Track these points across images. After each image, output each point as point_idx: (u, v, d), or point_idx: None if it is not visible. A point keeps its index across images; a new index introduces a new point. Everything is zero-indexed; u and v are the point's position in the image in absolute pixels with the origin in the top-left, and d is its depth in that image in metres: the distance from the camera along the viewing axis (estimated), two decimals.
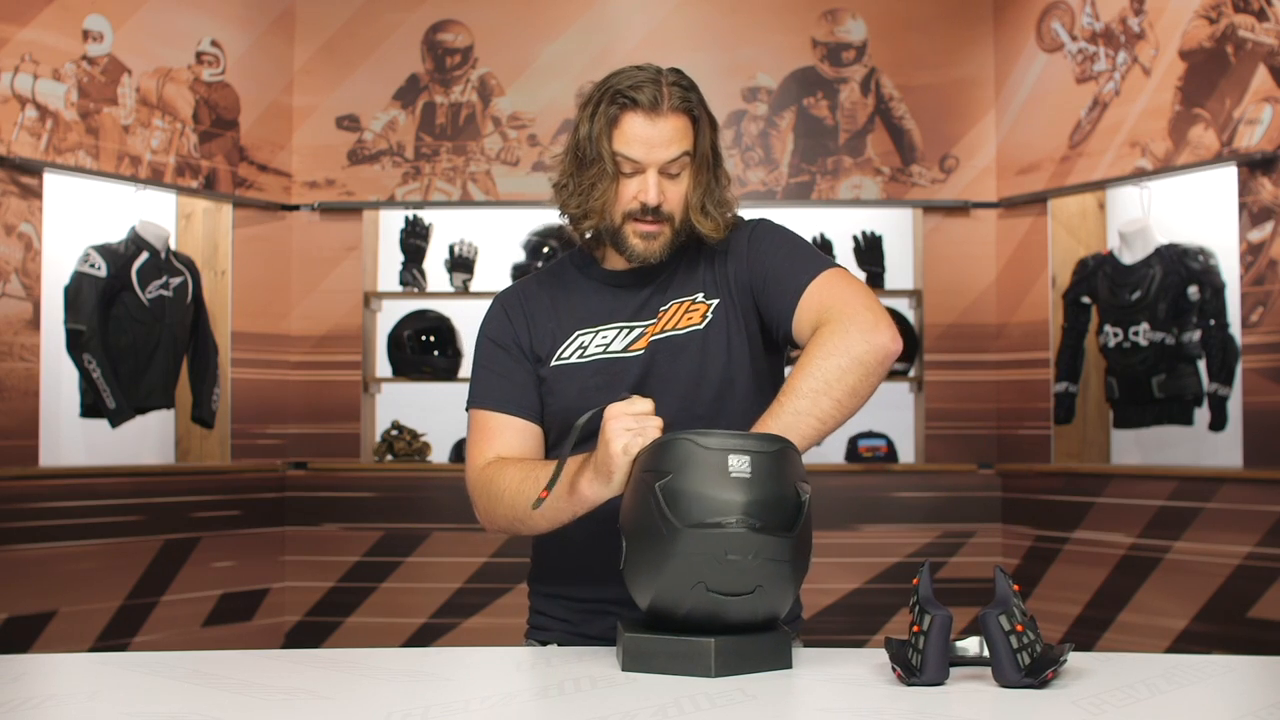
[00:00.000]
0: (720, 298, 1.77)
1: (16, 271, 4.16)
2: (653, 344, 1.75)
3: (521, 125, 5.08)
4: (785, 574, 1.43)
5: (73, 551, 4.24)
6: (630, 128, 1.70)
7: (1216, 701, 1.38)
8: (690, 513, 1.41)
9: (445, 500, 4.84)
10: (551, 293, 1.84)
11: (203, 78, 4.81)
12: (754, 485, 1.42)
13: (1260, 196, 4.05)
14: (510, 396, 1.78)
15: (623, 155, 1.71)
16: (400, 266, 5.14)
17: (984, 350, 5.00)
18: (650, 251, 1.75)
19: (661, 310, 1.78)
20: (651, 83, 1.70)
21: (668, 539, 1.41)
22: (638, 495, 1.47)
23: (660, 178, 1.72)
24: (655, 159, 1.71)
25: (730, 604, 1.42)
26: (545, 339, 1.80)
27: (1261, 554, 3.93)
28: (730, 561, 1.39)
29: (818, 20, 5.09)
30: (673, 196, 1.74)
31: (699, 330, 1.75)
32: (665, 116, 1.70)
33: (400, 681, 1.45)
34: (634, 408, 1.53)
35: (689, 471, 1.43)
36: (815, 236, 5.06)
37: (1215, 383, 4.22)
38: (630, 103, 1.70)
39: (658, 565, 1.43)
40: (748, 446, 1.43)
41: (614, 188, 1.72)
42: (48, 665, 1.63)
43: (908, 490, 4.91)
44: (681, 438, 1.45)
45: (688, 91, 1.73)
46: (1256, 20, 4.06)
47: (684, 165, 1.73)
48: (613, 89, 1.71)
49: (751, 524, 1.40)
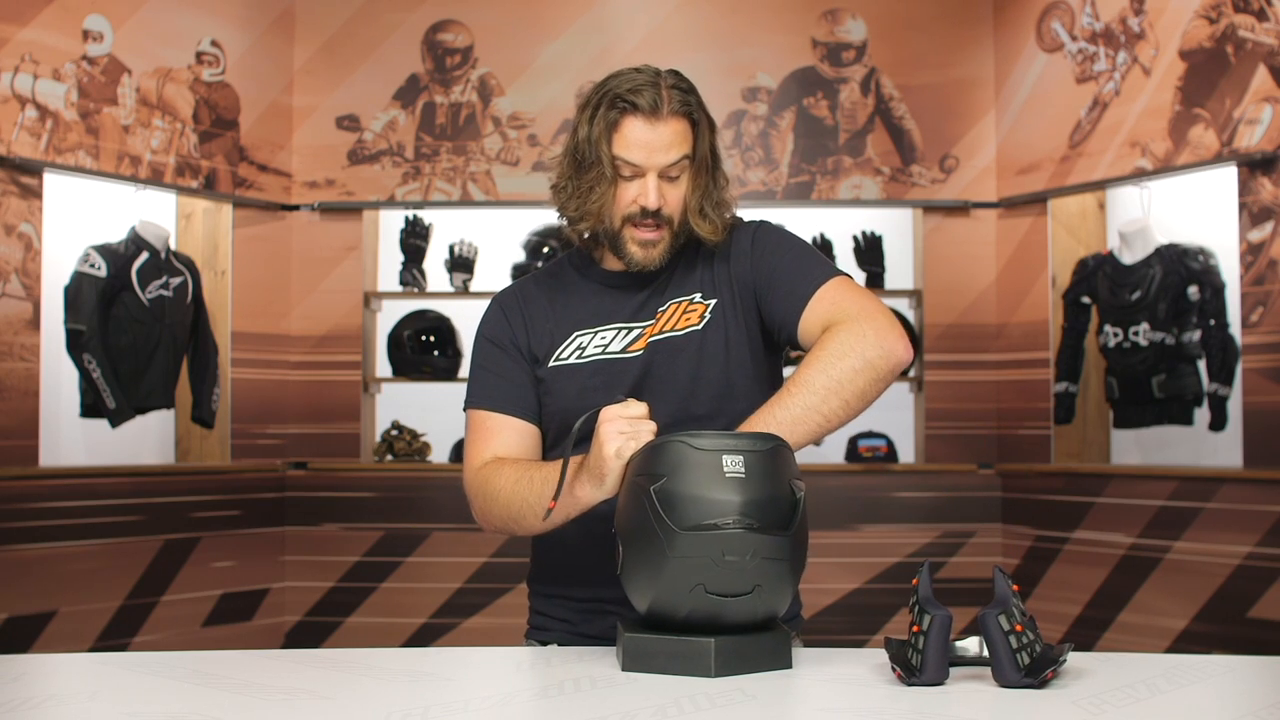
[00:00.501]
0: (719, 297, 1.77)
1: (16, 271, 4.16)
2: (651, 345, 1.75)
3: (521, 125, 5.08)
4: (783, 572, 1.43)
5: (73, 551, 4.24)
6: (630, 132, 1.69)
7: (1216, 701, 1.38)
8: (686, 515, 1.41)
9: (445, 500, 4.84)
10: (549, 294, 1.84)
11: (203, 78, 4.81)
12: (749, 485, 1.41)
13: (1260, 196, 4.05)
14: (508, 396, 1.78)
15: (622, 159, 1.70)
16: (400, 266, 5.14)
17: (984, 350, 5.00)
18: (649, 259, 1.74)
19: (660, 311, 1.78)
20: (651, 86, 1.69)
21: (664, 542, 1.41)
22: (632, 500, 1.47)
23: (660, 181, 1.71)
24: (655, 163, 1.70)
25: (729, 604, 1.42)
26: (543, 339, 1.80)
27: (1261, 554, 3.93)
28: (728, 562, 1.39)
29: (818, 20, 5.09)
30: (672, 200, 1.73)
31: (697, 330, 1.75)
32: (665, 120, 1.69)
33: (400, 681, 1.45)
34: (629, 410, 1.53)
35: (683, 474, 1.42)
36: (815, 236, 5.06)
37: (1215, 383, 4.22)
38: (630, 106, 1.69)
39: (655, 569, 1.43)
40: (741, 446, 1.43)
41: (612, 191, 1.72)
42: (48, 665, 1.63)
43: (908, 490, 4.91)
44: (674, 440, 1.45)
45: (687, 94, 1.72)
46: (1256, 20, 4.06)
47: (683, 169, 1.72)
48: (612, 92, 1.70)
49: (748, 524, 1.39)
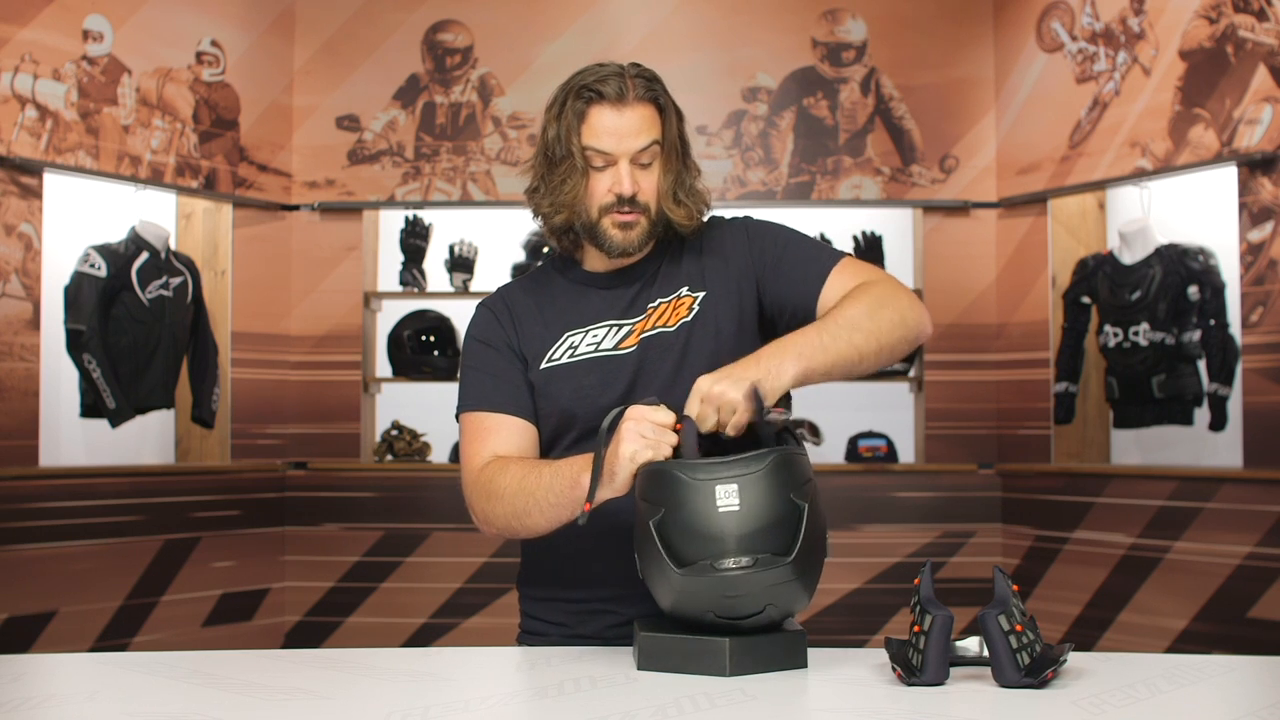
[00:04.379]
0: (707, 290, 1.77)
1: (16, 271, 4.16)
2: (643, 340, 1.75)
3: (521, 125, 5.08)
4: (793, 590, 1.42)
5: (73, 551, 4.24)
6: (598, 120, 1.70)
7: (1216, 701, 1.38)
8: (685, 554, 1.39)
9: (445, 500, 4.83)
10: (535, 297, 1.83)
11: (203, 78, 4.81)
12: (744, 516, 1.39)
13: (1260, 196, 4.05)
14: (505, 396, 1.77)
15: (593, 149, 1.70)
16: (400, 266, 5.14)
17: (984, 350, 5.00)
18: (629, 241, 1.74)
19: (650, 308, 1.78)
20: (615, 76, 1.71)
21: (669, 578, 1.41)
22: (640, 523, 1.46)
23: (633, 168, 1.72)
24: (626, 149, 1.71)
25: (743, 621, 1.42)
26: (533, 342, 1.79)
27: (1261, 554, 3.93)
28: (731, 598, 1.39)
29: (818, 20, 5.08)
30: (646, 186, 1.73)
31: (687, 323, 1.75)
32: (632, 106, 1.70)
33: (400, 681, 1.45)
34: (656, 416, 1.51)
35: (678, 508, 1.40)
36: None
37: (1215, 383, 4.22)
38: (596, 95, 1.70)
39: (665, 595, 1.44)
40: (734, 473, 1.40)
41: (584, 183, 1.72)
42: (48, 665, 1.63)
43: (908, 490, 4.91)
44: (667, 469, 1.43)
45: (651, 82, 1.73)
46: (1256, 20, 4.06)
47: (654, 154, 1.73)
48: (577, 85, 1.72)
49: (746, 563, 1.38)
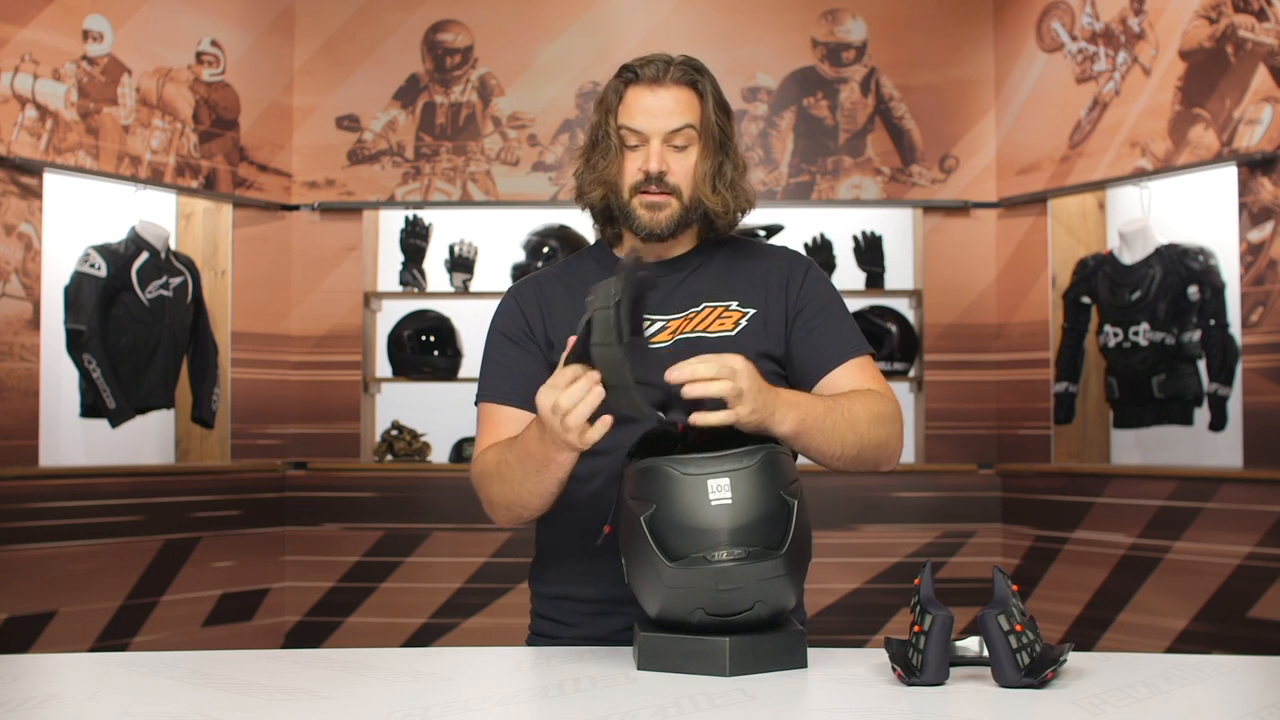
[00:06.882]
0: (756, 309, 1.77)
1: (16, 271, 4.16)
2: (679, 341, 1.74)
3: (521, 125, 5.08)
4: (782, 585, 1.42)
5: (73, 551, 4.24)
6: (633, 99, 1.74)
7: (1216, 701, 1.38)
8: (677, 548, 1.40)
9: (445, 500, 4.83)
10: (568, 284, 1.83)
11: (203, 78, 4.81)
12: (737, 510, 1.40)
13: (1260, 196, 4.05)
14: (516, 388, 1.77)
15: (627, 127, 1.73)
16: (400, 266, 5.14)
17: (984, 350, 5.00)
18: (656, 223, 1.74)
19: (694, 310, 1.77)
20: (658, 61, 1.75)
21: (660, 573, 1.41)
22: (627, 523, 1.46)
23: (665, 149, 1.73)
24: (657, 128, 1.72)
25: (732, 619, 1.42)
26: (564, 328, 1.76)
27: (1261, 554, 3.93)
28: (723, 591, 1.39)
29: (818, 20, 5.08)
30: (679, 169, 1.74)
31: (730, 336, 1.75)
32: (666, 87, 1.73)
33: (400, 681, 1.45)
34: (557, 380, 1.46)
35: (670, 503, 1.41)
36: (815, 236, 5.06)
37: (1215, 383, 4.22)
38: (634, 77, 1.75)
39: (654, 591, 1.44)
40: (726, 467, 1.41)
41: (619, 161, 1.74)
42: (48, 665, 1.63)
43: (908, 490, 4.91)
44: (659, 464, 1.43)
45: (694, 70, 1.76)
46: (1256, 20, 4.06)
47: (690, 139, 1.74)
48: (621, 69, 1.77)
49: (739, 555, 1.38)
